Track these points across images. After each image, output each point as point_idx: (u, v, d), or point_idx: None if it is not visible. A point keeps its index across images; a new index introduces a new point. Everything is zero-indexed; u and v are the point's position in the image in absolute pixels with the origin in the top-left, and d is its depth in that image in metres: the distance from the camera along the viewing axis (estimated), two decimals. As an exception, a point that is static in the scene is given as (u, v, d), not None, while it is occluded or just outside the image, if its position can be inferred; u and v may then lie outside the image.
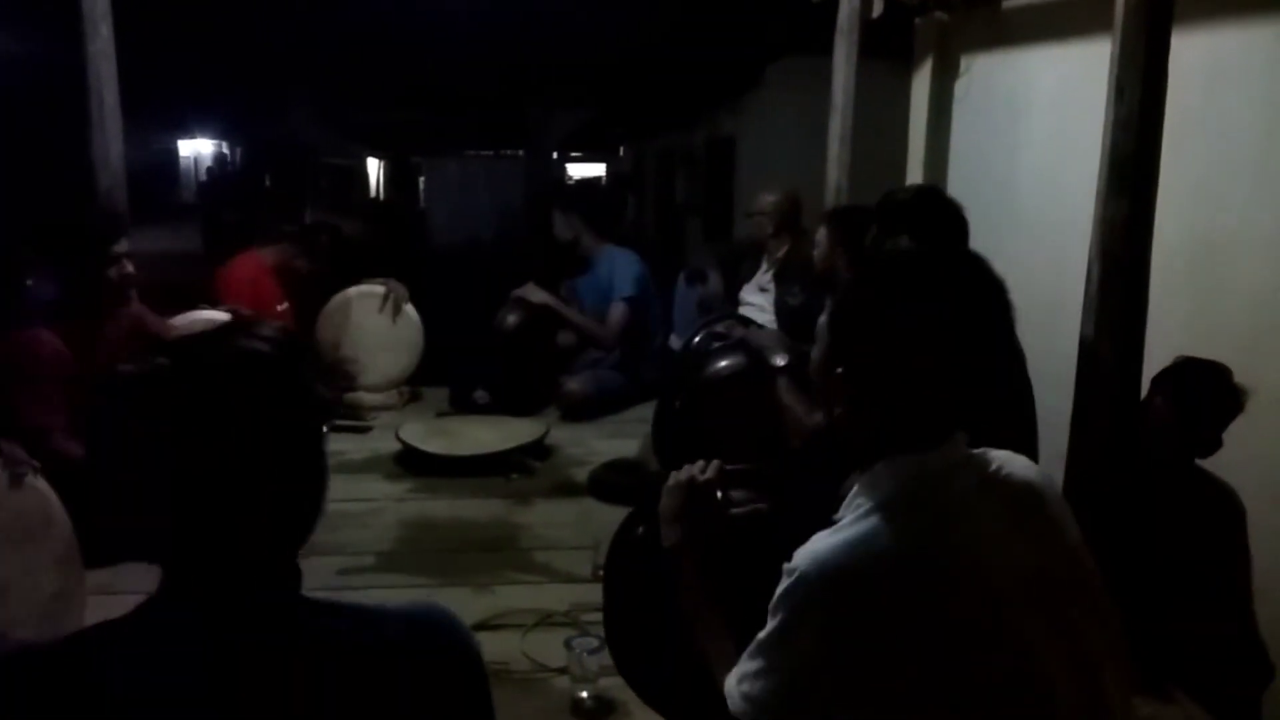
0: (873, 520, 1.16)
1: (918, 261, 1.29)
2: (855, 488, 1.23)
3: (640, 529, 1.74)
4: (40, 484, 1.96)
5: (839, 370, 1.22)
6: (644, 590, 1.68)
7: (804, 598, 1.14)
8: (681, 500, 1.51)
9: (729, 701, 1.24)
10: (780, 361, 2.69)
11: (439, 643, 0.99)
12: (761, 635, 1.20)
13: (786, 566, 1.17)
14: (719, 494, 1.54)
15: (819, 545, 1.16)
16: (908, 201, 2.52)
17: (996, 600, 1.13)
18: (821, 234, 3.35)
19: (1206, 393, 2.28)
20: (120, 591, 2.36)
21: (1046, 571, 1.18)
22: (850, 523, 1.18)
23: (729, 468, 1.57)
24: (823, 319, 1.28)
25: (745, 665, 1.22)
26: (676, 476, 1.55)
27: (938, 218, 2.42)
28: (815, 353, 1.29)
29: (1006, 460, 1.26)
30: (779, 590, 1.17)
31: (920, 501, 1.17)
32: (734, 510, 1.53)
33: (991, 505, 1.19)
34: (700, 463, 1.56)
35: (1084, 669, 1.17)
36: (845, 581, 1.13)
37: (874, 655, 1.11)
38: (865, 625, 1.11)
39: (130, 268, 2.76)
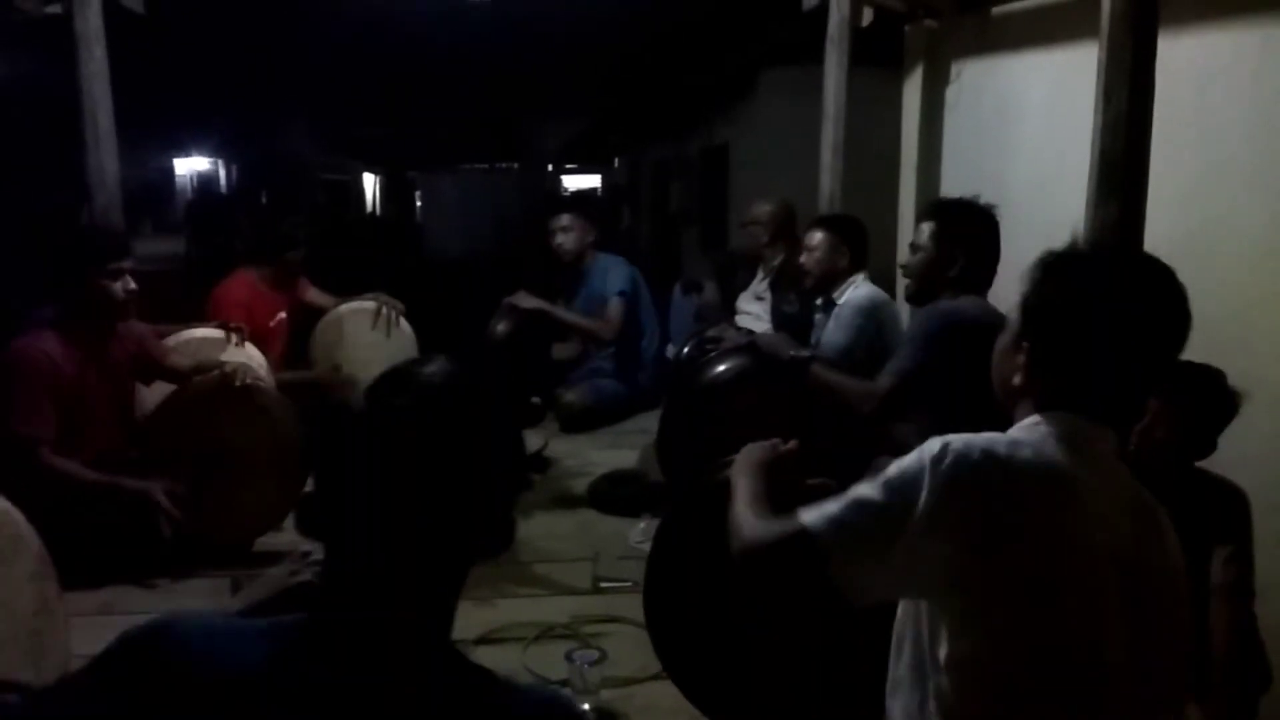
0: (1033, 439, 1.25)
1: (1118, 257, 1.42)
2: (1031, 418, 1.30)
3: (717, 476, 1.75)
4: (1, 503, 1.96)
5: (1024, 344, 1.32)
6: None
7: (946, 465, 1.19)
8: (761, 456, 1.54)
9: (796, 528, 1.23)
10: (804, 352, 2.76)
11: None
12: (877, 479, 1.23)
13: (934, 439, 1.23)
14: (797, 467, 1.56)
15: (978, 435, 1.24)
16: (947, 201, 2.84)
17: (1092, 559, 1.20)
18: (818, 239, 3.38)
19: (1201, 397, 2.28)
20: (120, 612, 2.38)
21: (1143, 563, 1.25)
22: (1014, 433, 1.28)
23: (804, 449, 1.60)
24: (843, 310, 1.38)
25: (839, 499, 1.24)
26: (754, 448, 1.57)
27: (982, 218, 2.68)
28: (843, 338, 1.38)
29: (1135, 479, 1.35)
30: (914, 454, 1.23)
31: (1074, 450, 1.25)
32: (810, 481, 1.54)
33: (1119, 489, 1.28)
34: (775, 440, 1.59)
35: (1149, 663, 1.23)
36: (982, 465, 1.20)
37: (974, 540, 1.17)
38: (984, 510, 1.18)
39: (133, 284, 2.77)
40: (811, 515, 1.24)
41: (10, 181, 5.76)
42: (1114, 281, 1.31)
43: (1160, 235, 2.66)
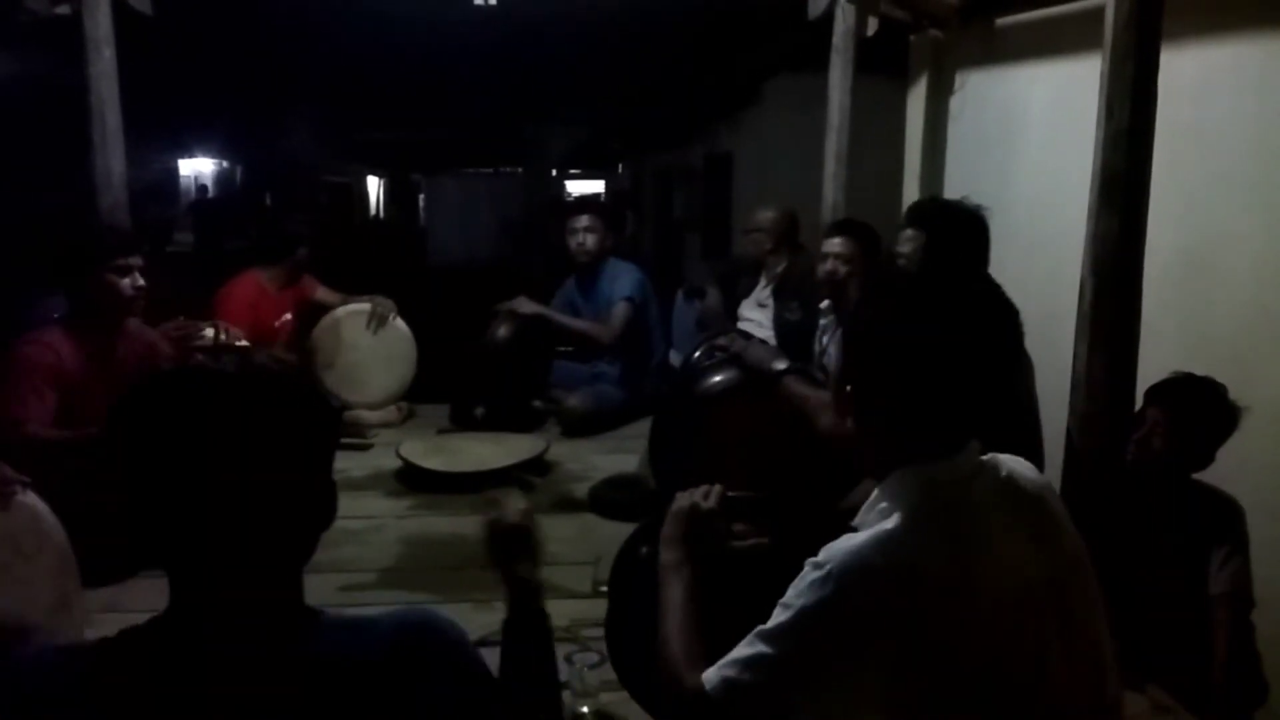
0: (897, 524, 1.18)
1: (924, 282, 1.32)
2: (875, 493, 1.25)
3: (644, 549, 1.74)
4: (30, 498, 1.97)
5: (849, 388, 1.27)
6: (648, 607, 1.69)
7: (835, 594, 1.15)
8: (684, 526, 1.51)
9: (696, 688, 1.23)
10: (780, 365, 2.72)
11: (432, 647, 1.01)
12: (769, 625, 1.20)
13: (811, 561, 1.19)
14: (721, 524, 1.53)
15: (848, 543, 1.19)
16: (932, 206, 2.70)
17: (1015, 604, 1.17)
18: (843, 245, 3.33)
19: (1201, 409, 2.30)
20: (127, 610, 2.38)
21: (1056, 575, 1.22)
22: (875, 525, 1.20)
23: (732, 495, 1.56)
24: (837, 338, 1.34)
25: (739, 652, 1.21)
26: (679, 501, 1.55)
27: (967, 221, 2.56)
28: (833, 369, 1.34)
29: (1013, 465, 1.30)
30: (799, 584, 1.19)
31: (940, 508, 1.20)
32: (735, 543, 1.53)
33: (1005, 513, 1.23)
34: (704, 488, 1.56)
35: (1093, 668, 1.23)
36: (874, 578, 1.15)
37: (890, 655, 1.13)
38: (888, 623, 1.13)
39: (141, 281, 2.79)
40: (712, 678, 1.22)
41: (19, 180, 5.79)
42: (918, 305, 1.24)
43: (1162, 248, 2.68)
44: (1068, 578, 1.24)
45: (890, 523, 1.19)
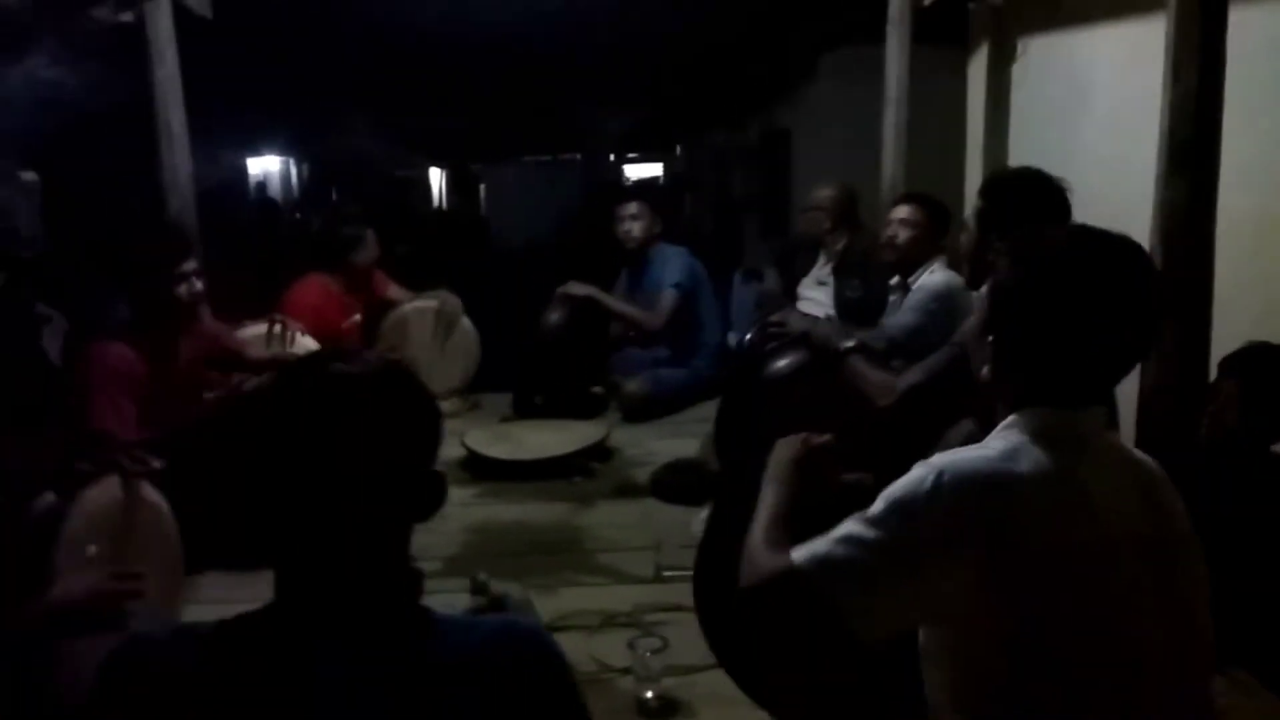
0: (1012, 444, 1.22)
1: (1074, 242, 1.31)
2: (1004, 422, 1.28)
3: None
4: (152, 493, 2.05)
5: (990, 339, 1.31)
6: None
7: (932, 488, 1.18)
8: (794, 452, 1.54)
9: (784, 563, 1.22)
10: (848, 344, 2.70)
11: (527, 658, 1.02)
12: (868, 511, 1.21)
13: (923, 461, 1.22)
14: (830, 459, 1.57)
15: (963, 451, 1.24)
16: (1013, 179, 2.57)
17: (1115, 549, 1.19)
18: (909, 213, 3.31)
19: (1277, 378, 2.22)
20: (204, 601, 2.45)
21: (1162, 539, 1.24)
22: (997, 444, 1.24)
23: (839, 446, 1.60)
24: (917, 293, 1.34)
25: (834, 532, 1.22)
26: (791, 438, 1.58)
27: (1042, 196, 2.42)
28: (972, 320, 1.41)
29: (1132, 448, 1.36)
30: (906, 478, 1.21)
31: (1063, 444, 1.22)
32: (845, 476, 1.56)
33: (1120, 470, 1.27)
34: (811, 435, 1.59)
35: (1182, 635, 1.22)
36: (981, 485, 1.18)
37: (978, 561, 1.15)
38: (982, 529, 1.15)
39: (199, 285, 2.83)
40: (800, 555, 1.22)
41: (91, 186, 5.96)
42: (1073, 261, 1.26)
43: (1235, 214, 2.58)
44: (1174, 551, 1.25)
45: (1005, 442, 1.23)
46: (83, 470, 1.99)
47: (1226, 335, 2.36)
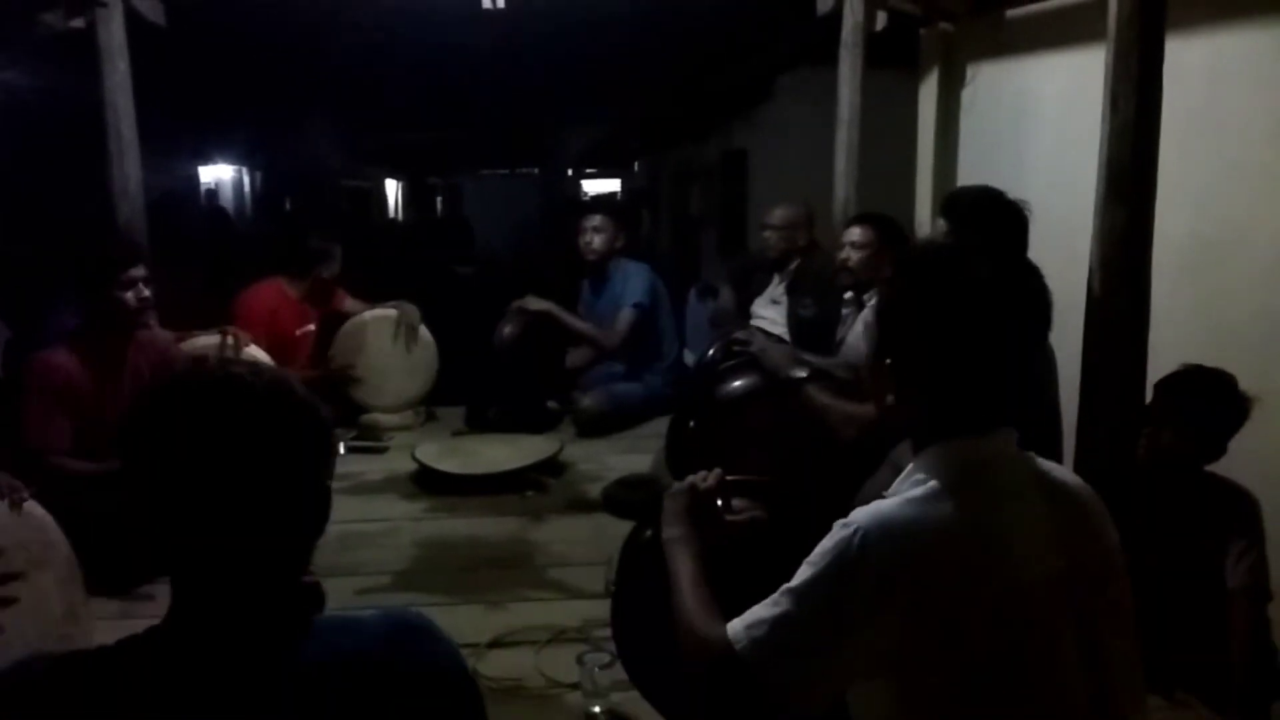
0: (931, 491, 1.20)
1: (958, 256, 1.30)
2: (910, 466, 1.27)
3: (648, 532, 1.77)
4: (36, 509, 2.01)
5: (887, 362, 1.28)
6: (654, 595, 1.71)
7: (858, 549, 1.16)
8: (684, 503, 1.55)
9: (724, 647, 1.22)
10: (800, 374, 2.72)
11: (419, 652, 1.02)
12: (794, 583, 1.21)
13: (840, 522, 1.21)
14: (719, 501, 1.58)
15: (879, 506, 1.21)
16: (974, 197, 2.57)
17: (1030, 593, 1.18)
18: (862, 235, 3.33)
19: (1212, 401, 2.28)
20: (138, 618, 2.42)
21: (1079, 571, 1.22)
22: (908, 492, 1.22)
23: (731, 478, 1.61)
24: (868, 314, 1.32)
25: (763, 609, 1.22)
26: (679, 484, 1.59)
27: (1002, 215, 2.44)
28: (866, 347, 1.33)
29: (1051, 465, 1.32)
30: (826, 543, 1.20)
31: (975, 482, 1.21)
32: (730, 517, 1.57)
33: (1037, 500, 1.25)
34: (703, 472, 1.60)
35: (1099, 669, 1.22)
36: (903, 540, 1.16)
37: (909, 619, 1.14)
38: (911, 587, 1.15)
39: (147, 292, 2.80)
40: (736, 632, 1.22)
41: (39, 194, 5.86)
42: (953, 278, 1.24)
43: (1174, 239, 2.66)
44: (1094, 577, 1.24)
45: (920, 490, 1.21)
46: None
47: (1164, 358, 2.42)
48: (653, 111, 9.40)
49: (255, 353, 3.53)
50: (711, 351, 3.57)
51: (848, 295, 3.48)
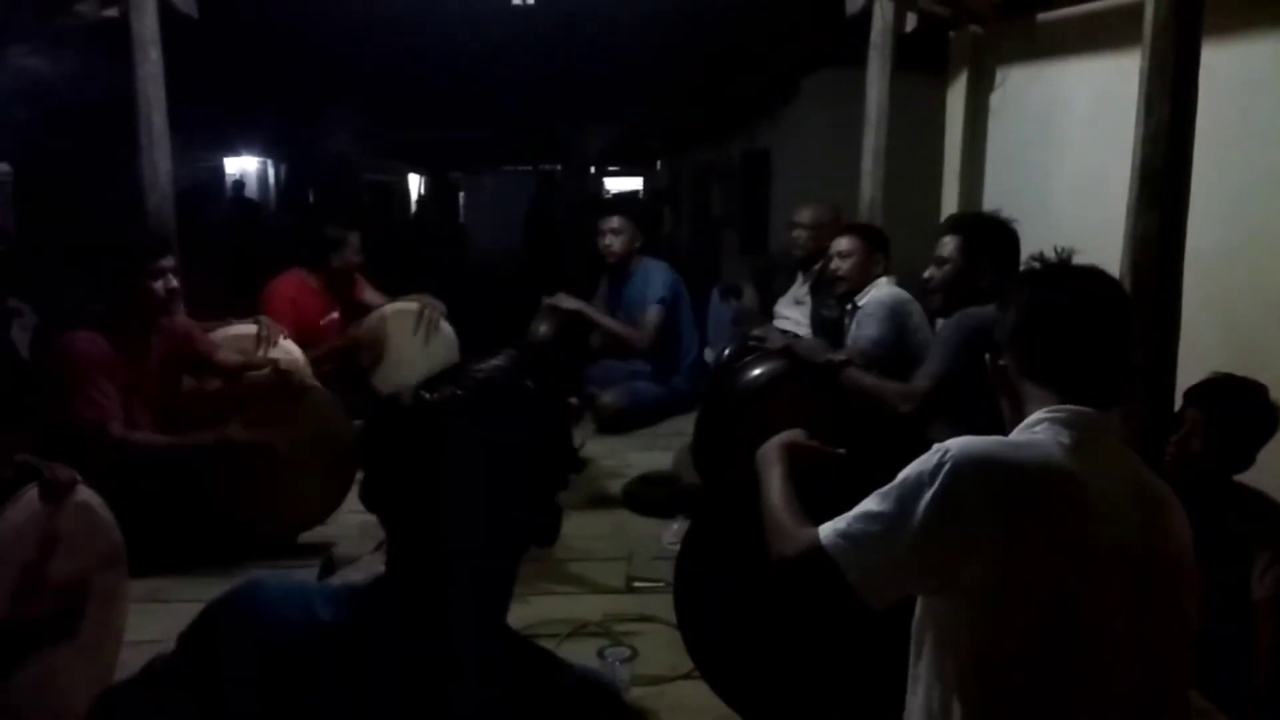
0: (1030, 439, 1.30)
1: (1081, 268, 1.43)
2: (1033, 416, 1.35)
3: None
4: (83, 493, 2.01)
5: (1001, 363, 1.41)
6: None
7: (946, 469, 1.25)
8: (783, 438, 1.68)
9: (811, 539, 1.34)
10: (839, 356, 2.77)
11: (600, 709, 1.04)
12: (883, 490, 1.31)
13: (936, 445, 1.30)
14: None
15: (973, 438, 1.30)
16: (981, 218, 2.90)
17: (1097, 554, 1.23)
18: (850, 245, 3.38)
19: (1241, 411, 2.26)
20: (170, 599, 2.44)
21: (1150, 561, 1.26)
22: (1014, 435, 1.34)
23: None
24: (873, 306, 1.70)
25: (855, 511, 1.33)
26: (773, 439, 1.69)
27: (1004, 235, 2.68)
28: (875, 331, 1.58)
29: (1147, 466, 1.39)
30: (917, 462, 1.29)
31: (1078, 439, 1.29)
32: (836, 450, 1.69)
33: (1129, 480, 1.31)
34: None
35: (1147, 663, 1.25)
36: (985, 468, 1.25)
37: (985, 540, 1.21)
38: (988, 510, 1.22)
39: (175, 282, 2.82)
40: (825, 530, 1.34)
41: (70, 182, 5.91)
42: (1076, 289, 1.39)
43: (1204, 246, 2.64)
44: (1162, 571, 1.27)
45: (1029, 433, 1.32)
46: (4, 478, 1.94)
47: (1193, 366, 2.40)
48: (676, 110, 9.40)
49: (287, 344, 3.55)
50: (728, 350, 3.59)
51: (849, 306, 3.50)
